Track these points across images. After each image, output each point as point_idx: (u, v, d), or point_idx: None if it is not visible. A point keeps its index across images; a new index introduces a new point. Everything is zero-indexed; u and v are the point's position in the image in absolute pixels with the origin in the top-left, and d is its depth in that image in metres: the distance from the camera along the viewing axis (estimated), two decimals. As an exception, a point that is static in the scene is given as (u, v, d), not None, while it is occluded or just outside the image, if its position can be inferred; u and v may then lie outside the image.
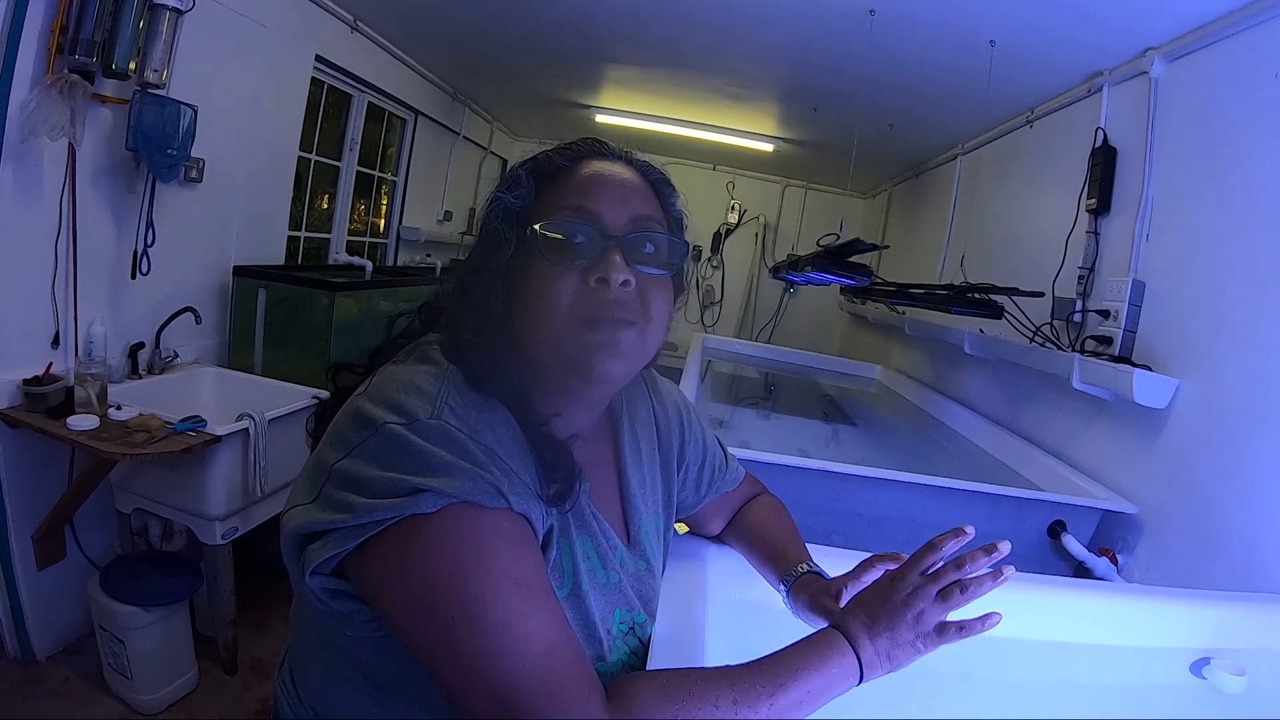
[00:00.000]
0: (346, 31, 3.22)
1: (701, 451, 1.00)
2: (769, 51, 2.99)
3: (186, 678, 2.09)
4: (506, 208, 0.74)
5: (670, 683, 0.63)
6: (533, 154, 0.78)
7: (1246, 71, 1.81)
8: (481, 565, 0.59)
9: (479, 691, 0.57)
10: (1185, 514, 1.77)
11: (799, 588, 0.90)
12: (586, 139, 0.79)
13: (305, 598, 0.66)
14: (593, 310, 0.69)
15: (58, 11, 1.84)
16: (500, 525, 0.61)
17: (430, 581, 0.58)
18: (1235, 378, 1.70)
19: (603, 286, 0.70)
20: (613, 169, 0.76)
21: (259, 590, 2.41)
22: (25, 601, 2.05)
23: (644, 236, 0.73)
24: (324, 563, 0.61)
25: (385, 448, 0.61)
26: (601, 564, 0.78)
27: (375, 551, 0.59)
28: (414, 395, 0.65)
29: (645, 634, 0.81)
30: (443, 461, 0.60)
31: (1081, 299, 2.33)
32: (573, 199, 0.73)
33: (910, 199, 4.75)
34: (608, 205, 0.73)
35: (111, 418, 1.94)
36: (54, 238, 1.99)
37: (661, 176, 0.81)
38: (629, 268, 0.71)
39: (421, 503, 0.58)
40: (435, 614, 0.58)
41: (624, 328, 0.71)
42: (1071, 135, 2.56)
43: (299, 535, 0.63)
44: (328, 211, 3.83)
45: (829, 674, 0.65)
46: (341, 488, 0.61)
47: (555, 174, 0.75)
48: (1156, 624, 1.15)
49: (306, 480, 0.66)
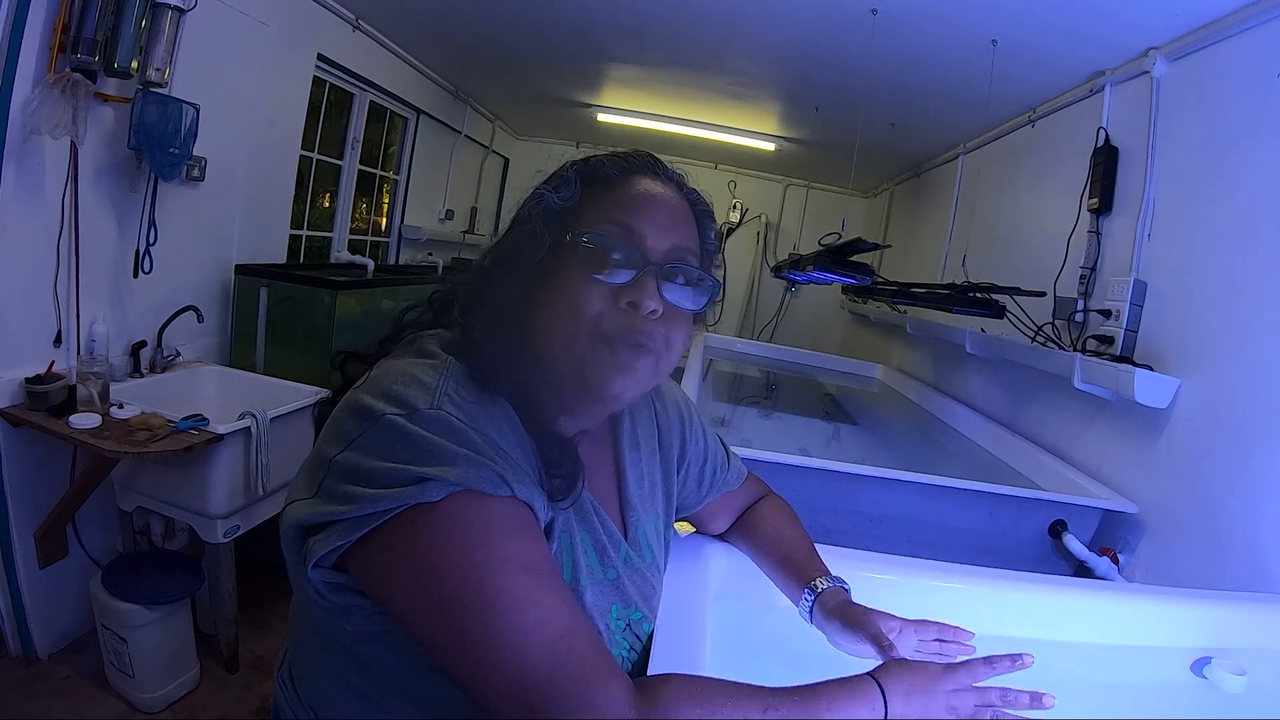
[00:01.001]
0: (348, 30, 3.22)
1: (703, 450, 1.00)
2: (771, 50, 2.99)
3: (188, 676, 2.09)
4: (549, 205, 0.73)
5: (700, 691, 0.62)
6: (585, 155, 0.77)
7: (1248, 71, 1.81)
8: (489, 552, 0.58)
9: (494, 679, 0.56)
10: (1186, 514, 1.77)
11: (828, 602, 0.90)
12: (642, 153, 0.79)
13: (305, 592, 0.65)
14: (617, 332, 0.69)
15: (60, 10, 1.84)
16: (506, 512, 0.61)
17: (437, 570, 0.58)
18: (1237, 377, 1.70)
19: (632, 311, 0.69)
20: (664, 192, 0.75)
21: (260, 589, 2.41)
22: (27, 600, 2.05)
23: (681, 269, 0.73)
24: (325, 555, 0.60)
25: (385, 438, 0.61)
26: (600, 560, 0.78)
27: (378, 543, 0.59)
28: (412, 386, 0.64)
29: (643, 631, 0.81)
30: (445, 450, 0.60)
31: (1083, 298, 2.33)
32: (618, 214, 0.72)
33: (912, 198, 4.75)
34: (652, 228, 0.72)
35: (113, 416, 1.94)
36: (56, 236, 2.00)
37: (707, 208, 0.80)
38: (660, 297, 0.71)
39: (426, 492, 0.57)
40: (444, 603, 0.57)
41: (643, 354, 0.70)
42: (1073, 135, 2.55)
43: (300, 528, 0.63)
44: (329, 210, 3.83)
45: (855, 717, 0.65)
46: (342, 480, 0.61)
47: (605, 182, 0.75)
48: (1157, 624, 1.15)
49: (305, 475, 0.65)
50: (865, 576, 1.06)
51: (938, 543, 1.80)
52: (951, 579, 1.14)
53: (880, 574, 1.11)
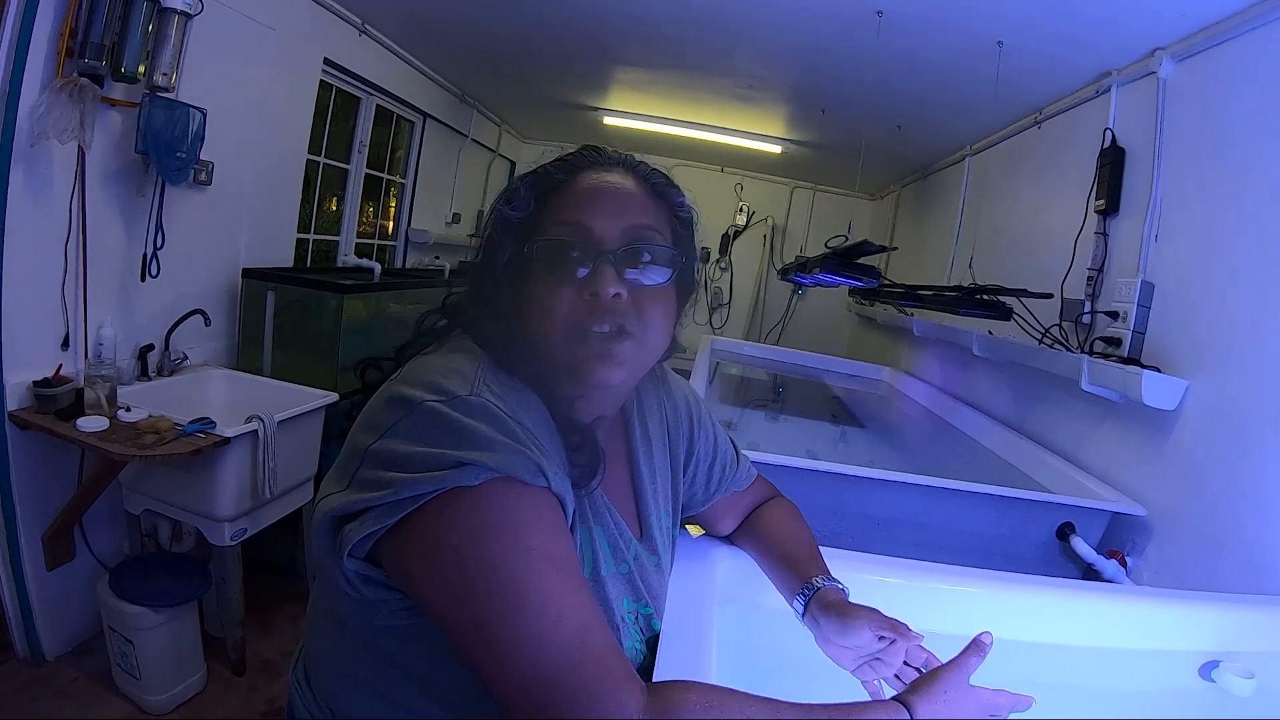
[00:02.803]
0: (355, 34, 3.24)
1: (712, 448, 1.00)
2: (777, 53, 2.98)
3: (195, 678, 2.10)
4: (506, 219, 0.76)
5: (715, 699, 0.61)
6: (534, 167, 0.79)
7: (1255, 71, 1.79)
8: (519, 542, 0.59)
9: (508, 671, 0.57)
10: (1195, 516, 1.75)
11: (819, 600, 0.89)
12: (586, 147, 0.81)
13: (335, 585, 0.66)
14: (584, 322, 0.71)
15: (67, 15, 1.85)
16: (539, 503, 0.62)
17: (467, 556, 0.58)
18: (1245, 379, 1.68)
19: (594, 300, 0.71)
20: (609, 179, 0.77)
21: (267, 591, 2.42)
22: (35, 602, 2.06)
23: (639, 247, 0.74)
24: (358, 545, 0.61)
25: (423, 424, 0.62)
26: (613, 553, 0.79)
27: (413, 527, 0.59)
28: (451, 376, 0.66)
29: (652, 626, 0.82)
30: (484, 436, 0.61)
31: (1090, 300, 2.32)
32: (565, 214, 0.74)
33: (918, 200, 4.73)
34: (599, 219, 0.73)
35: (121, 419, 1.95)
36: (64, 240, 2.01)
37: (663, 180, 0.81)
38: (621, 280, 0.72)
39: (465, 475, 0.58)
40: (471, 589, 0.58)
41: (618, 339, 0.72)
42: (1080, 136, 2.54)
43: (333, 518, 0.63)
44: (336, 214, 3.85)
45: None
46: (378, 467, 0.61)
47: (553, 189, 0.77)
48: (1165, 627, 1.14)
49: (338, 470, 0.66)
50: (872, 580, 1.06)
51: (946, 546, 1.79)
52: (959, 583, 1.13)
53: (887, 578, 1.11)
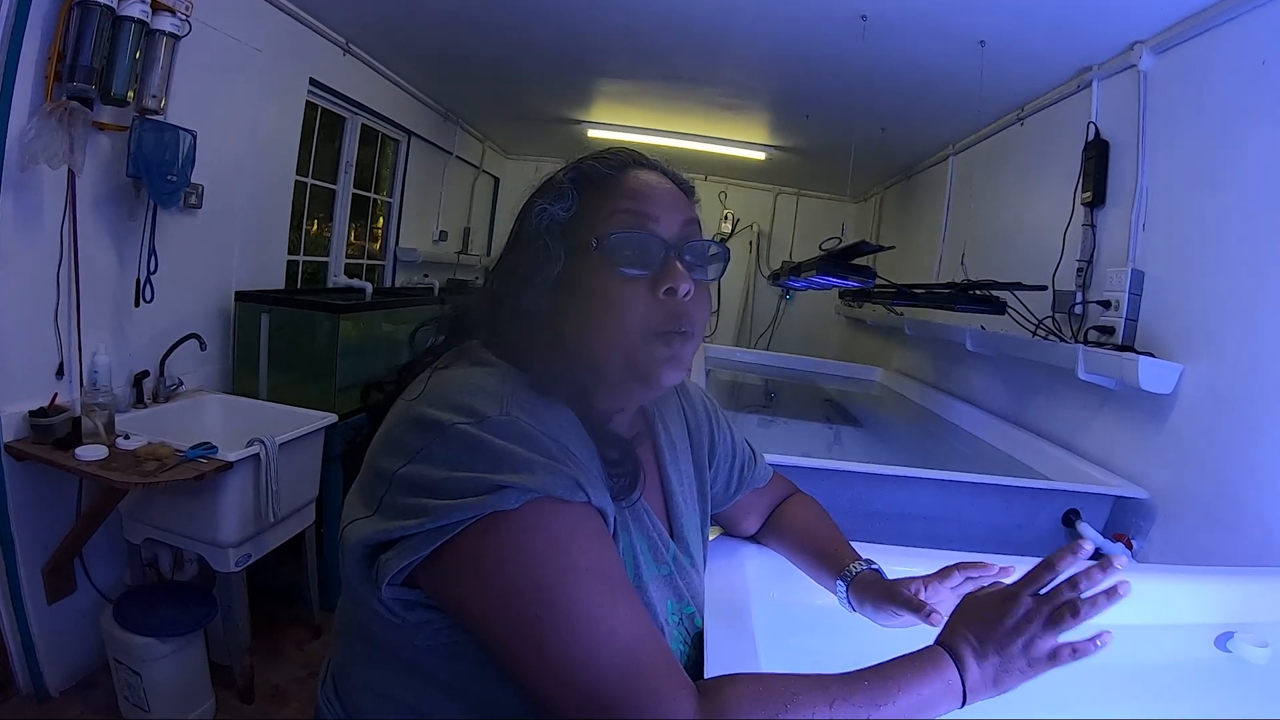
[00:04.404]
0: (339, 54, 3.24)
1: (731, 448, 1.01)
2: (761, 60, 3.02)
3: (204, 707, 2.06)
4: (553, 219, 0.74)
5: (765, 689, 0.61)
6: (574, 162, 0.78)
7: (1234, 60, 1.84)
8: (565, 561, 0.58)
9: (566, 690, 0.56)
10: (1197, 496, 1.78)
11: (860, 584, 0.89)
12: (624, 148, 0.80)
13: (371, 610, 0.64)
14: (666, 323, 0.70)
15: (55, 38, 1.84)
16: (581, 518, 0.61)
17: (515, 580, 0.57)
18: (1238, 359, 1.72)
19: (671, 297, 0.70)
20: (657, 178, 0.77)
21: (273, 617, 2.39)
22: (36, 636, 2.02)
23: (698, 244, 0.74)
24: (397, 573, 0.59)
25: (454, 448, 0.60)
26: (653, 557, 0.79)
27: (453, 554, 0.58)
28: (478, 395, 0.64)
29: (695, 625, 0.82)
30: (520, 457, 0.59)
31: (1081, 291, 2.35)
32: (627, 204, 0.73)
33: (902, 201, 4.79)
34: (661, 212, 0.73)
35: (120, 447, 1.92)
36: (55, 267, 1.98)
37: (690, 185, 0.82)
38: (689, 276, 0.71)
39: (504, 499, 0.57)
40: (521, 613, 0.57)
41: (689, 340, 0.72)
42: (1063, 130, 2.59)
43: (367, 547, 0.61)
44: (323, 235, 3.83)
45: (930, 694, 0.63)
46: (410, 494, 0.60)
47: (601, 182, 0.75)
48: (1179, 601, 1.16)
49: (360, 494, 0.65)
50: (895, 570, 1.06)
51: (956, 537, 1.80)
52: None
53: (910, 567, 1.11)
